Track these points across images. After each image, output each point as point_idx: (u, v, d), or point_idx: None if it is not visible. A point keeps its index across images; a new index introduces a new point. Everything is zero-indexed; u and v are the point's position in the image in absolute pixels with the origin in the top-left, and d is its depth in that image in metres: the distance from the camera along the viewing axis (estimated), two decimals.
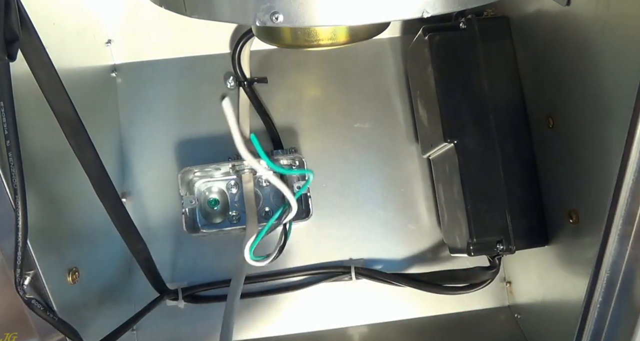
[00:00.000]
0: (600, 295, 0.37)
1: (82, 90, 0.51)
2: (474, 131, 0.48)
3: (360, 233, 0.60)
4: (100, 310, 0.50)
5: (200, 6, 0.32)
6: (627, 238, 0.34)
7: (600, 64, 0.36)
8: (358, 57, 0.62)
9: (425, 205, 0.61)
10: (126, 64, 0.61)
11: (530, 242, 0.48)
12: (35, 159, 0.41)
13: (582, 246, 0.41)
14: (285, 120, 0.61)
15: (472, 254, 0.48)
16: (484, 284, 0.52)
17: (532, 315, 0.54)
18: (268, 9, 0.30)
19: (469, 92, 0.48)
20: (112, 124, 0.60)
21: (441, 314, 0.60)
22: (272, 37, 0.44)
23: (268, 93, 0.61)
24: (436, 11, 0.31)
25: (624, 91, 0.33)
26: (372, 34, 0.44)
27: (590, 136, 0.38)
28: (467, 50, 0.49)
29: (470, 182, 0.48)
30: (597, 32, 0.36)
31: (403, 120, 0.62)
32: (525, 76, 0.48)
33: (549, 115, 0.44)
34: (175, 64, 0.62)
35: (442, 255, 0.60)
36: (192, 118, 0.61)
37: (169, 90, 0.61)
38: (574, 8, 0.39)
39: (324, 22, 0.30)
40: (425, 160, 0.60)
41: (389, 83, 0.62)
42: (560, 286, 0.46)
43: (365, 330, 0.59)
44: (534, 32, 0.46)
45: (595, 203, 0.38)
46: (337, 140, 0.61)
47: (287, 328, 0.59)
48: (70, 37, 0.51)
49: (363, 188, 0.61)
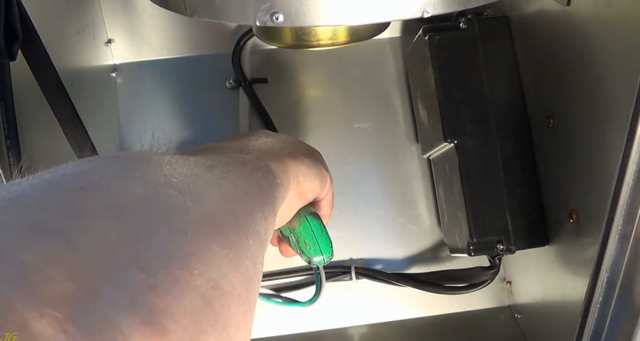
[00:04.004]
0: (600, 295, 0.36)
1: (82, 90, 0.51)
2: (474, 131, 0.48)
3: (360, 233, 0.60)
4: None
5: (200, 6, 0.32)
6: (627, 238, 0.34)
7: (600, 64, 0.36)
8: (358, 57, 0.62)
9: (425, 205, 0.61)
10: (126, 63, 0.62)
11: (530, 242, 0.48)
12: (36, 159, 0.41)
13: (582, 246, 0.41)
14: (285, 120, 0.61)
15: (472, 254, 0.48)
16: (484, 284, 0.52)
17: (532, 315, 0.54)
18: (268, 9, 0.30)
19: (469, 92, 0.48)
20: (112, 124, 0.60)
21: (441, 314, 0.60)
22: (272, 37, 0.44)
23: (268, 93, 0.61)
24: (436, 11, 0.31)
25: (624, 91, 0.33)
26: (372, 34, 0.44)
27: (590, 136, 0.38)
28: (467, 50, 0.49)
29: (470, 181, 0.48)
30: (597, 32, 0.36)
31: (403, 120, 0.62)
32: (525, 76, 0.48)
33: (549, 115, 0.44)
34: (175, 64, 0.62)
35: (442, 255, 0.60)
36: (192, 119, 0.61)
37: (169, 90, 0.61)
38: (574, 8, 0.39)
39: (324, 22, 0.30)
40: (425, 160, 0.60)
41: (389, 83, 0.62)
42: (560, 286, 0.46)
43: (365, 330, 0.59)
44: (534, 32, 0.46)
45: (595, 203, 0.38)
46: (337, 140, 0.61)
47: (287, 328, 0.59)
48: (70, 37, 0.51)
49: (363, 188, 0.61)
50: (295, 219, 0.36)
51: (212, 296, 0.16)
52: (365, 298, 0.59)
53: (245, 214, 0.22)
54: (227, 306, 0.17)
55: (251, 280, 0.20)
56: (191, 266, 0.16)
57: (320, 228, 0.37)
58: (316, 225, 0.37)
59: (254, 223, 0.23)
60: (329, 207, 0.42)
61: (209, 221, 0.19)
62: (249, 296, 0.19)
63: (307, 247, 0.36)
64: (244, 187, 0.25)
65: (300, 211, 0.36)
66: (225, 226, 0.20)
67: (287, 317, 0.59)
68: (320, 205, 0.41)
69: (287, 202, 0.33)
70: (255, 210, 0.24)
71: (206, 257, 0.17)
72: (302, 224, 0.36)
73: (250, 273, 0.20)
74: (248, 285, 0.19)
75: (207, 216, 0.19)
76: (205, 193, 0.21)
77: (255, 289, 0.20)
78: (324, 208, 0.41)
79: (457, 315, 0.60)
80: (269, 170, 0.30)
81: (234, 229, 0.20)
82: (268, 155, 0.32)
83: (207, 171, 0.24)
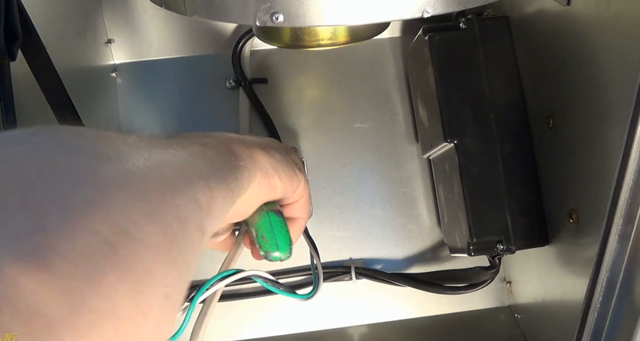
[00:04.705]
0: (600, 295, 0.37)
1: (82, 90, 0.51)
2: (474, 131, 0.48)
3: (360, 233, 0.60)
4: None
5: (200, 6, 0.32)
6: (627, 238, 0.34)
7: (600, 64, 0.36)
8: (358, 57, 0.62)
9: (425, 205, 0.61)
10: (126, 63, 0.62)
11: (530, 242, 0.48)
12: None
13: (582, 246, 0.41)
14: (285, 120, 0.61)
15: (472, 254, 0.48)
16: (484, 284, 0.52)
17: (532, 315, 0.54)
18: (268, 9, 0.30)
19: (469, 92, 0.48)
20: (112, 124, 0.60)
21: (441, 314, 0.60)
22: (272, 37, 0.44)
23: (268, 93, 0.61)
24: (436, 11, 0.31)
25: (624, 91, 0.33)
26: (372, 34, 0.44)
27: (590, 136, 0.38)
28: (467, 50, 0.49)
29: (470, 182, 0.48)
30: (597, 32, 0.36)
31: (403, 120, 0.62)
32: (525, 76, 0.48)
33: (549, 115, 0.44)
34: (175, 64, 0.62)
35: (442, 255, 0.60)
36: (192, 118, 0.61)
37: (169, 90, 0.61)
38: (574, 8, 0.39)
39: (324, 22, 0.30)
40: (425, 160, 0.60)
41: (389, 83, 0.62)
42: (560, 286, 0.46)
43: (365, 330, 0.59)
44: (534, 32, 0.46)
45: (595, 203, 0.38)
46: (337, 140, 0.61)
47: (287, 328, 0.59)
48: (70, 37, 0.51)
49: (363, 188, 0.61)
50: (257, 213, 0.36)
51: (116, 240, 0.17)
52: (365, 298, 0.59)
53: (177, 178, 0.22)
54: (136, 252, 0.17)
55: (177, 237, 0.20)
56: (93, 212, 0.17)
57: (280, 225, 0.37)
58: (276, 221, 0.37)
59: (190, 188, 0.22)
60: (303, 210, 0.40)
61: (123, 176, 0.19)
62: (172, 251, 0.19)
63: (264, 240, 0.36)
64: (189, 160, 0.25)
65: (263, 206, 0.36)
66: (144, 182, 0.20)
67: (287, 317, 0.59)
68: (292, 208, 0.39)
69: (253, 189, 0.32)
70: (195, 177, 0.24)
71: (112, 206, 0.17)
72: (263, 217, 0.36)
73: (175, 230, 0.20)
74: (172, 240, 0.19)
75: (122, 172, 0.19)
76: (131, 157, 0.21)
77: (186, 250, 0.20)
78: (298, 212, 0.40)
79: (457, 315, 0.60)
80: (231, 152, 0.30)
81: (156, 186, 0.20)
82: (235, 141, 0.32)
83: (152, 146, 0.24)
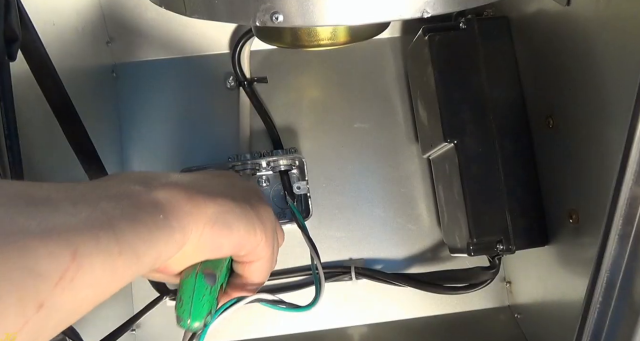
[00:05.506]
0: (600, 295, 0.36)
1: (82, 90, 0.51)
2: (474, 131, 0.48)
3: (360, 233, 0.60)
4: (100, 310, 0.49)
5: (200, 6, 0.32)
6: (627, 238, 0.34)
7: (600, 64, 0.36)
8: (358, 57, 0.62)
9: (425, 205, 0.61)
10: (126, 63, 0.62)
11: (530, 242, 0.48)
12: (35, 159, 0.41)
13: (582, 246, 0.41)
14: (285, 120, 0.61)
15: (472, 254, 0.48)
16: (484, 284, 0.52)
17: (532, 315, 0.54)
18: (268, 9, 0.30)
19: (469, 92, 0.48)
20: (111, 124, 0.60)
21: (441, 314, 0.60)
22: (272, 37, 0.44)
23: (268, 93, 0.61)
24: (436, 11, 0.31)
25: (624, 91, 0.33)
26: (372, 34, 0.44)
27: (590, 136, 0.38)
28: (467, 50, 0.49)
29: (470, 181, 0.48)
30: (597, 32, 0.36)
31: (403, 120, 0.62)
32: (525, 76, 0.48)
33: (549, 115, 0.44)
34: (175, 64, 0.62)
35: (442, 255, 0.60)
36: (192, 118, 0.61)
37: (169, 90, 0.61)
38: (574, 8, 0.39)
39: (324, 22, 0.30)
40: (425, 160, 0.60)
41: (389, 83, 0.62)
42: (560, 286, 0.46)
43: (365, 330, 0.59)
44: (534, 32, 0.46)
45: (595, 203, 0.38)
46: (337, 140, 0.61)
47: (287, 328, 0.59)
48: (70, 37, 0.51)
49: (363, 188, 0.61)
50: (189, 268, 0.30)
51: None
52: (365, 298, 0.59)
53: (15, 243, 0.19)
54: None
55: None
56: None
57: (203, 293, 0.30)
58: (201, 287, 0.30)
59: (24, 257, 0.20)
60: (257, 274, 0.32)
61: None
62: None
63: (180, 302, 0.30)
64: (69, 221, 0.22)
65: (201, 263, 0.30)
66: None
67: (287, 317, 0.59)
68: (244, 268, 0.32)
69: (188, 249, 0.27)
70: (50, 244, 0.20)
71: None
72: (189, 277, 0.30)
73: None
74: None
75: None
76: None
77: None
78: (251, 274, 0.32)
79: (457, 315, 0.60)
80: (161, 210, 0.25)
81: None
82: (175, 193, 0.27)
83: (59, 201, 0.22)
